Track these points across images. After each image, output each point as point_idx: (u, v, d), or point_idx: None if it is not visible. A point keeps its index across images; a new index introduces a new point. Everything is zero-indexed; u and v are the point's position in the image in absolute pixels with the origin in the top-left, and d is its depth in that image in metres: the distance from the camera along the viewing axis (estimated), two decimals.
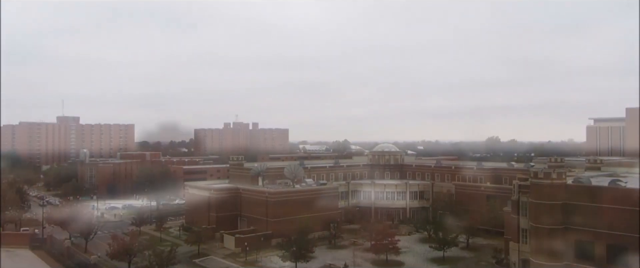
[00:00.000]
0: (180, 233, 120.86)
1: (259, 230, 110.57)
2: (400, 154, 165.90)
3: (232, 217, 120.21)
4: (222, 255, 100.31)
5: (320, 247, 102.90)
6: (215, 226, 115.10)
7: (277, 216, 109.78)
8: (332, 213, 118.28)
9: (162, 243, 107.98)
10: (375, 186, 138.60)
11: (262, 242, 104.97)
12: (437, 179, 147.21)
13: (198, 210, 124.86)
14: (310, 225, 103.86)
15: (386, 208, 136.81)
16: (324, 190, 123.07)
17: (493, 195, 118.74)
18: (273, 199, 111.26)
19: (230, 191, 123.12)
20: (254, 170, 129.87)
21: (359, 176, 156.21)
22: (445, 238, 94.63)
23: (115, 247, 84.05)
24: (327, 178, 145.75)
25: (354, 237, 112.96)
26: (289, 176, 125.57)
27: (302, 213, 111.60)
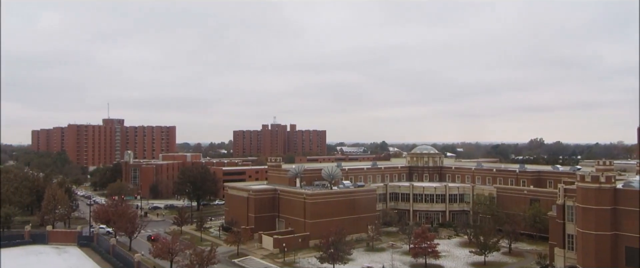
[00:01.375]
0: (219, 233, 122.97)
1: (297, 231, 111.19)
2: (439, 156, 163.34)
3: (270, 218, 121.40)
4: (261, 255, 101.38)
5: (357, 249, 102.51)
6: (253, 227, 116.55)
7: (314, 217, 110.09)
8: (370, 216, 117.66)
9: (202, 242, 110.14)
10: (413, 189, 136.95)
11: (300, 242, 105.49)
12: (478, 182, 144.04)
13: (237, 210, 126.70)
14: (347, 226, 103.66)
15: (425, 211, 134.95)
16: (362, 191, 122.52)
17: (537, 199, 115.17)
18: (310, 200, 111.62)
19: (269, 193, 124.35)
20: (292, 172, 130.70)
21: (397, 178, 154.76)
22: (486, 243, 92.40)
23: (158, 246, 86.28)
24: (365, 180, 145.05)
25: (392, 239, 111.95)
26: (326, 178, 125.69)
27: (340, 214, 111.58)
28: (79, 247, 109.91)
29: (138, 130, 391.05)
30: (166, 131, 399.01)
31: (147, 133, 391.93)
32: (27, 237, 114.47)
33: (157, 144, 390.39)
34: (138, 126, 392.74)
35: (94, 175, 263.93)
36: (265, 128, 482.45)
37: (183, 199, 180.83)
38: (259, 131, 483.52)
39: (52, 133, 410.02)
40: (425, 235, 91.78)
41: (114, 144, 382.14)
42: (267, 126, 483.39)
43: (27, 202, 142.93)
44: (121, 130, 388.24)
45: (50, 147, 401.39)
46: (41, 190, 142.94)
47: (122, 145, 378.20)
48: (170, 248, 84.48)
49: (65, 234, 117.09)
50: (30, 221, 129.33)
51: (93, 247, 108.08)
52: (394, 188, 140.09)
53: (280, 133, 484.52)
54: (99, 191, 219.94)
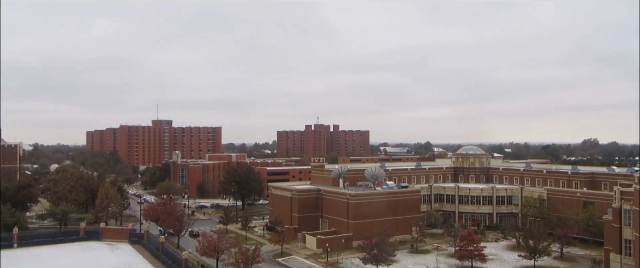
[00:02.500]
0: (264, 233, 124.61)
1: (340, 231, 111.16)
2: (486, 157, 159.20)
3: (313, 218, 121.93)
4: (304, 255, 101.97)
5: (401, 250, 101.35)
6: (297, 227, 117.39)
7: (358, 218, 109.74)
8: (414, 217, 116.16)
9: (247, 241, 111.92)
10: (459, 190, 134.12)
11: (343, 243, 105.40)
12: (527, 183, 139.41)
13: (281, 210, 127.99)
14: (391, 228, 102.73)
15: (471, 213, 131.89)
16: (406, 192, 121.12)
17: (590, 202, 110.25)
18: (354, 201, 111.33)
19: (312, 193, 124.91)
20: (335, 172, 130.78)
21: (441, 179, 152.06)
22: (536, 247, 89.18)
23: (204, 244, 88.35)
24: (409, 181, 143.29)
25: (437, 241, 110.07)
26: (369, 179, 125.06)
27: (383, 215, 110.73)
28: (130, 244, 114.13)
29: (185, 131, 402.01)
30: (212, 132, 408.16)
31: (194, 134, 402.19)
32: (82, 233, 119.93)
33: (203, 145, 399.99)
34: (185, 127, 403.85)
35: (144, 174, 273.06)
36: (308, 129, 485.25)
37: (228, 198, 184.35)
38: (302, 131, 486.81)
39: (105, 133, 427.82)
40: (472, 238, 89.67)
41: (163, 145, 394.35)
42: (311, 127, 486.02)
43: (82, 200, 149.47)
44: (169, 131, 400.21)
45: (104, 147, 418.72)
46: (95, 189, 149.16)
47: (170, 145, 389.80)
48: (216, 246, 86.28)
49: (118, 231, 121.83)
50: (85, 218, 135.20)
51: (143, 244, 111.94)
52: (439, 189, 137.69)
53: (324, 133, 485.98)
54: (149, 190, 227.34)
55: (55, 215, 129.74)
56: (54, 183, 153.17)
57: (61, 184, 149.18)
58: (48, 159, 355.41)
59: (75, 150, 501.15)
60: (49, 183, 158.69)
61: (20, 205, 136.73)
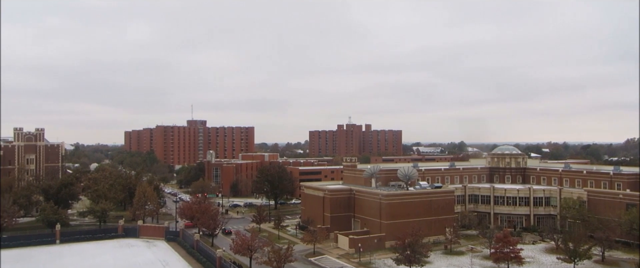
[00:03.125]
0: (296, 232, 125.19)
1: (373, 231, 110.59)
2: (523, 157, 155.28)
3: (345, 218, 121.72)
4: (337, 255, 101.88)
5: (435, 251, 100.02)
6: (329, 226, 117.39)
7: (390, 218, 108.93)
8: (448, 218, 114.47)
9: (279, 240, 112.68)
10: (494, 191, 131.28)
11: (376, 243, 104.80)
12: (566, 184, 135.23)
13: (313, 209, 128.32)
14: (424, 228, 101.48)
15: (507, 214, 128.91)
16: (439, 193, 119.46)
17: (634, 204, 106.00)
18: (386, 201, 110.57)
19: (344, 193, 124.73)
20: (367, 172, 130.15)
21: (476, 180, 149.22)
22: (576, 250, 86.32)
23: (238, 242, 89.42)
24: (442, 181, 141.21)
25: (472, 243, 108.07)
26: (402, 179, 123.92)
27: (416, 216, 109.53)
28: (167, 241, 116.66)
29: (219, 131, 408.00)
30: (245, 132, 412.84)
31: (228, 134, 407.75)
32: (121, 230, 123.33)
33: (237, 144, 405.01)
34: (219, 127, 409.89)
35: (180, 173, 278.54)
36: (340, 128, 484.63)
37: (261, 197, 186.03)
38: (334, 131, 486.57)
39: (142, 133, 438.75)
40: (508, 240, 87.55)
41: (197, 144, 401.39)
42: (342, 126, 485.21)
43: (121, 198, 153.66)
44: (204, 131, 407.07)
45: (141, 147, 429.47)
46: (133, 187, 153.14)
47: (205, 145, 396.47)
48: (249, 245, 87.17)
49: (154, 229, 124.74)
50: (123, 216, 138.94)
51: (179, 241, 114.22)
52: (474, 189, 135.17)
53: (356, 133, 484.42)
54: (184, 189, 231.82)
55: (95, 212, 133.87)
56: (94, 182, 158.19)
57: (101, 182, 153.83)
58: (88, 159, 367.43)
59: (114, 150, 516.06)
60: (89, 181, 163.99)
61: (63, 203, 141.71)
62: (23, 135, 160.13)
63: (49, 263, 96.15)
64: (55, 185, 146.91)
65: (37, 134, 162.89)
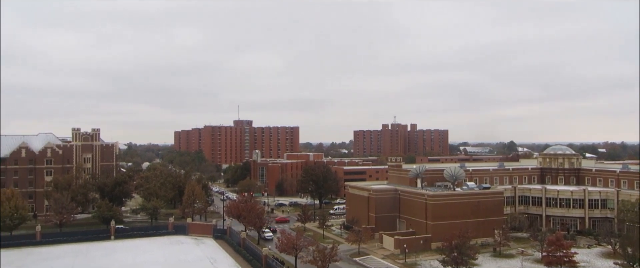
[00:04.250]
0: (341, 232, 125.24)
1: (418, 232, 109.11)
2: (576, 157, 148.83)
3: (390, 218, 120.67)
4: (382, 255, 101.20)
5: (483, 254, 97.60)
6: (374, 226, 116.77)
7: (436, 219, 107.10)
8: (497, 219, 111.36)
9: (324, 240, 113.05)
10: (546, 192, 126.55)
11: (422, 244, 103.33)
12: (624, 186, 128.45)
13: (357, 209, 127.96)
14: (472, 230, 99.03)
15: (560, 217, 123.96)
16: (488, 194, 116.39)
17: None
18: (432, 202, 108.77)
19: (389, 193, 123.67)
20: (413, 172, 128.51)
21: (526, 181, 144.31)
22: (635, 255, 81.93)
23: (283, 241, 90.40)
24: (491, 182, 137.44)
25: (522, 245, 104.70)
26: (449, 179, 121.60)
27: (464, 217, 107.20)
28: (214, 239, 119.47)
29: (265, 130, 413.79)
30: (290, 131, 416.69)
31: (273, 133, 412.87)
32: (171, 228, 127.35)
33: (282, 144, 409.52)
34: (265, 127, 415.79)
35: (226, 172, 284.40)
36: (385, 128, 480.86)
37: (306, 197, 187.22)
38: (379, 131, 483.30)
39: (191, 133, 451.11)
40: (561, 243, 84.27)
41: (244, 144, 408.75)
42: (387, 126, 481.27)
43: (170, 196, 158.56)
44: (250, 131, 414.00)
45: (190, 146, 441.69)
46: (182, 186, 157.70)
47: (251, 145, 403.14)
48: (294, 244, 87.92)
49: (203, 226, 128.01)
50: (173, 213, 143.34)
51: (226, 239, 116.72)
52: (524, 191, 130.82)
53: (401, 132, 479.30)
54: (231, 188, 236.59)
55: (147, 210, 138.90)
56: (146, 180, 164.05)
57: (152, 181, 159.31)
58: (140, 158, 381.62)
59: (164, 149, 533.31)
60: (141, 180, 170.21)
61: (117, 200, 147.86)
62: (80, 135, 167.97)
63: (105, 258, 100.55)
64: (110, 183, 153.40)
65: (93, 134, 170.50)
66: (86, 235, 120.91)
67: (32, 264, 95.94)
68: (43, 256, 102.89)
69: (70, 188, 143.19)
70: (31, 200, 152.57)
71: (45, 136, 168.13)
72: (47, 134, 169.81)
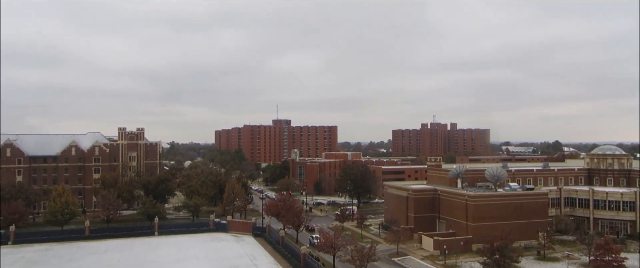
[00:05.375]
0: (379, 231, 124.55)
1: (458, 233, 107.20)
2: (627, 158, 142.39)
3: (430, 218, 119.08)
4: (420, 256, 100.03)
5: (526, 257, 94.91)
6: (413, 227, 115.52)
7: (477, 220, 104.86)
8: (541, 221, 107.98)
9: (362, 239, 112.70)
10: (594, 194, 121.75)
11: (462, 246, 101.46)
12: None
13: (396, 209, 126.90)
14: (514, 232, 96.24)
15: (608, 220, 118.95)
16: (531, 195, 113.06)
17: None
18: (473, 202, 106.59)
19: (428, 193, 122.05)
20: (453, 172, 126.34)
21: (573, 182, 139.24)
22: None
23: (321, 240, 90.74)
24: (535, 183, 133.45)
25: (568, 249, 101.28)
26: (490, 179, 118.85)
27: (506, 219, 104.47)
28: (254, 237, 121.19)
29: (303, 130, 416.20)
30: (328, 131, 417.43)
31: (311, 133, 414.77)
32: (212, 225, 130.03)
33: (320, 143, 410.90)
34: (303, 126, 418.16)
35: (265, 171, 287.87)
36: (424, 127, 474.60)
37: (344, 196, 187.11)
38: (418, 130, 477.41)
39: (231, 133, 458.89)
40: (610, 247, 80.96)
41: (282, 143, 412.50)
42: (427, 125, 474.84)
43: (211, 194, 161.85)
44: (288, 130, 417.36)
45: (230, 145, 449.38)
46: (222, 184, 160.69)
47: (289, 144, 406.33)
48: (332, 242, 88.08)
49: (243, 224, 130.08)
50: (214, 211, 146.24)
51: (265, 237, 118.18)
52: (570, 192, 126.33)
53: (440, 132, 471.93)
54: (270, 186, 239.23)
55: (189, 207, 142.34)
56: (188, 178, 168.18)
57: (194, 179, 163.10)
58: (182, 157, 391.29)
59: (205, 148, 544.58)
60: (183, 178, 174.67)
61: (160, 197, 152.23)
62: (126, 134, 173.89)
63: (149, 253, 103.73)
64: (153, 180, 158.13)
65: (138, 133, 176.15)
66: (131, 231, 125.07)
67: (81, 258, 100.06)
68: (91, 250, 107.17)
69: (117, 186, 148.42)
70: (80, 197, 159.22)
71: (93, 135, 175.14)
72: (95, 133, 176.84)
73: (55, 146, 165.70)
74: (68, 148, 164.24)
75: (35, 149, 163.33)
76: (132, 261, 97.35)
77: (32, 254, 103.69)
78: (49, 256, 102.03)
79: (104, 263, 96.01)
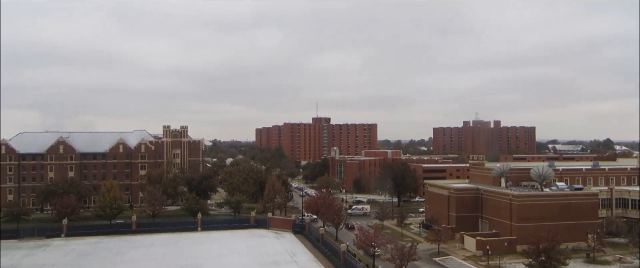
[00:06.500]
0: (420, 231, 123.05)
1: (502, 234, 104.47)
2: None
3: (472, 218, 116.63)
4: (462, 256, 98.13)
5: (574, 259, 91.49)
6: (454, 226, 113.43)
7: (522, 221, 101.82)
8: (590, 223, 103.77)
9: (403, 238, 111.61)
10: None
11: (506, 247, 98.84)
12: None
13: (437, 208, 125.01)
14: (561, 233, 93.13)
15: None
16: (580, 195, 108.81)
17: None
18: (518, 202, 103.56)
19: (471, 192, 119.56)
20: (496, 171, 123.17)
21: (625, 182, 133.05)
22: None
23: (361, 238, 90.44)
24: (584, 183, 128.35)
25: (619, 252, 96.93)
26: (536, 179, 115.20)
27: (553, 219, 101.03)
28: (294, 234, 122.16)
29: (342, 128, 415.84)
30: (368, 129, 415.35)
31: (351, 131, 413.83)
32: (253, 221, 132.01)
33: (359, 141, 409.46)
34: (342, 124, 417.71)
35: (305, 168, 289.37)
36: (466, 125, 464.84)
37: (384, 194, 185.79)
38: (460, 128, 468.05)
39: (271, 131, 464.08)
40: None
41: (322, 141, 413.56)
42: (469, 123, 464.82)
43: (252, 191, 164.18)
44: (328, 128, 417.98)
45: (270, 143, 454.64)
46: (263, 181, 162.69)
47: (329, 142, 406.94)
48: (372, 241, 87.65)
49: (283, 221, 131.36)
50: (254, 208, 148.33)
51: (305, 234, 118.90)
52: (622, 193, 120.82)
53: (483, 129, 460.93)
54: (309, 184, 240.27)
55: (231, 203, 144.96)
56: (230, 175, 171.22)
57: (235, 176, 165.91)
58: (224, 154, 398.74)
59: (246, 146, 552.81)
60: (225, 175, 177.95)
61: (203, 194, 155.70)
62: (170, 132, 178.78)
63: (192, 248, 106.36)
64: (196, 177, 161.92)
65: (181, 131, 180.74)
66: (175, 226, 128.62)
67: (128, 251, 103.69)
68: (138, 244, 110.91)
69: (162, 182, 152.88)
70: (128, 192, 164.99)
71: (139, 133, 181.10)
72: (141, 131, 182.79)
73: (104, 144, 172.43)
74: (116, 145, 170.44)
75: (86, 147, 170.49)
76: (177, 255, 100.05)
77: (83, 247, 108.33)
78: (99, 249, 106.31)
79: (149, 257, 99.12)
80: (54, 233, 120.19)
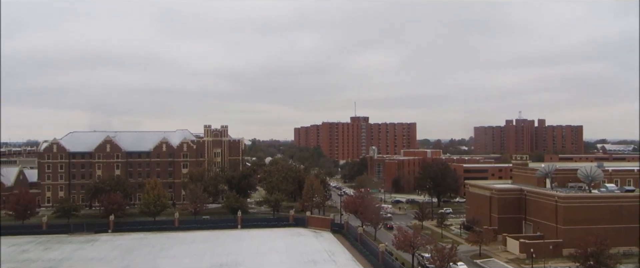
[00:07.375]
0: (460, 232, 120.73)
1: (547, 236, 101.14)
2: None
3: (515, 220, 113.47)
4: (505, 259, 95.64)
5: (626, 264, 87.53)
6: (496, 228, 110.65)
7: (568, 223, 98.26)
8: None
9: (443, 239, 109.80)
10: None
11: (551, 250, 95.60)
12: None
13: (478, 209, 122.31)
14: (611, 237, 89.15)
15: None
16: (631, 197, 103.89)
17: None
18: (564, 204, 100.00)
19: (514, 193, 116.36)
20: (541, 171, 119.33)
21: None
22: None
23: (400, 238, 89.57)
24: (636, 184, 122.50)
25: None
26: (583, 180, 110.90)
27: (602, 222, 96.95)
28: (332, 233, 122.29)
29: (381, 127, 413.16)
30: (407, 128, 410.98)
31: (390, 130, 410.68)
32: (291, 220, 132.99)
33: (398, 140, 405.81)
34: (381, 123, 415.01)
35: (344, 168, 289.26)
36: (509, 124, 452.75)
37: (423, 194, 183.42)
38: (502, 127, 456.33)
39: (310, 130, 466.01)
40: None
41: (360, 140, 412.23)
42: (512, 122, 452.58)
43: (291, 190, 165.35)
44: (366, 127, 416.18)
45: (308, 142, 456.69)
46: (301, 180, 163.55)
47: (367, 141, 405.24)
48: (411, 241, 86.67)
49: (321, 220, 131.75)
50: (293, 206, 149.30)
51: (343, 233, 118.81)
52: None
53: (527, 128, 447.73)
54: (348, 183, 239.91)
55: (270, 202, 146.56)
56: (269, 174, 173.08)
57: (274, 175, 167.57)
58: (263, 153, 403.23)
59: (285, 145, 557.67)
60: (264, 173, 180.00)
61: (243, 192, 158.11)
62: (211, 131, 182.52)
63: (232, 245, 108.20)
64: (237, 176, 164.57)
65: (222, 130, 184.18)
66: (216, 224, 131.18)
67: (171, 247, 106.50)
68: (180, 240, 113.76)
69: (203, 180, 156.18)
70: (170, 190, 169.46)
71: (182, 132, 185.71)
72: (183, 131, 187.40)
73: (148, 143, 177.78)
74: (159, 144, 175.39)
75: (131, 146, 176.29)
76: (218, 252, 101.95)
77: (129, 242, 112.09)
78: (143, 244, 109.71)
79: (191, 253, 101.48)
80: (102, 228, 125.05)
